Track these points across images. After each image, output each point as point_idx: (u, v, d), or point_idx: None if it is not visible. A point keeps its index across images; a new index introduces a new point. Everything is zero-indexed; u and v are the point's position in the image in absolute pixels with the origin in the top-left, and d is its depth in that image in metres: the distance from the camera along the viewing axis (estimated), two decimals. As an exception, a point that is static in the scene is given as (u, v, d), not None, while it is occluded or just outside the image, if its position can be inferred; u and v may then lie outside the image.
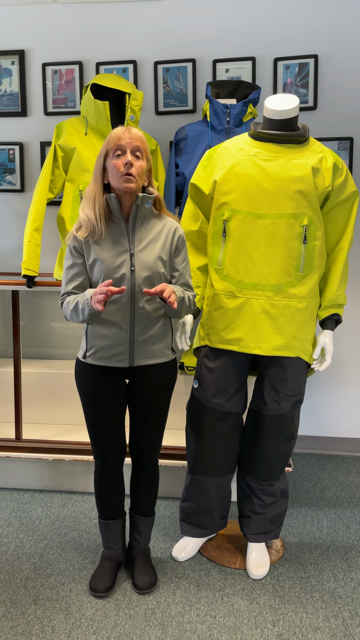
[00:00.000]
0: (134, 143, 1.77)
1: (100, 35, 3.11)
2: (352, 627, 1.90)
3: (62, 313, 1.94)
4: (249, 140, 2.08)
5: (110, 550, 2.11)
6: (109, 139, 1.79)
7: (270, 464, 2.17)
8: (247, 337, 2.05)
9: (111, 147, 1.78)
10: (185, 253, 1.95)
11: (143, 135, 1.81)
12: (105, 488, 2.04)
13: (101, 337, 1.87)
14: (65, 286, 1.88)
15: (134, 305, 1.84)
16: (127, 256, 1.82)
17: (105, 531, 2.09)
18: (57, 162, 2.67)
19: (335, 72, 3.01)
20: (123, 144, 1.77)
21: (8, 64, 3.17)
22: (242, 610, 1.98)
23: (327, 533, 2.46)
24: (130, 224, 1.84)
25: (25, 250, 2.60)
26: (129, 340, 1.86)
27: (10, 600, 2.01)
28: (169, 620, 1.92)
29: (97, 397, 1.92)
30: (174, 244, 1.90)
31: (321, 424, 3.31)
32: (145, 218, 1.87)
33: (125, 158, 1.75)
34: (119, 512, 2.08)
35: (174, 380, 2.02)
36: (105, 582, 2.04)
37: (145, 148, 1.81)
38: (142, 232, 1.86)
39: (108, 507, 2.06)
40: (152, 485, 2.08)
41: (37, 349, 3.34)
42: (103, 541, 2.11)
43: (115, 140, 1.77)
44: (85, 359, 1.92)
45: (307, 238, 2.01)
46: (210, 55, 3.06)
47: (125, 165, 1.75)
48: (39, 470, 2.78)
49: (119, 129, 1.79)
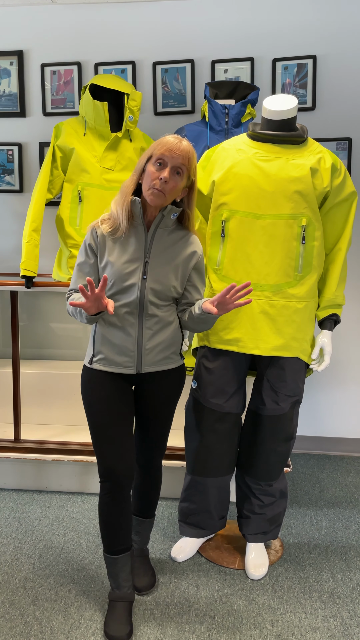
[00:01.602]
0: (180, 160, 1.68)
1: (99, 36, 3.11)
2: (350, 627, 1.90)
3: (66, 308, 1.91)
4: (248, 141, 2.08)
5: (121, 589, 1.88)
6: (160, 143, 1.70)
7: (269, 464, 2.17)
8: (246, 337, 2.05)
9: (156, 154, 1.69)
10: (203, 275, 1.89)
11: (192, 152, 1.72)
12: (116, 514, 1.81)
13: (108, 343, 1.81)
14: (74, 282, 1.84)
15: (143, 313, 1.78)
16: (140, 264, 1.77)
17: (114, 568, 1.86)
18: (55, 163, 2.67)
19: (333, 72, 3.01)
20: (168, 156, 1.68)
21: (7, 65, 3.17)
22: (241, 610, 1.98)
23: (326, 533, 2.46)
24: (151, 232, 1.77)
25: (24, 251, 2.60)
26: (136, 348, 1.80)
27: (9, 600, 2.01)
28: (168, 621, 1.92)
29: (104, 403, 1.81)
30: (192, 262, 1.84)
31: (320, 424, 3.31)
32: (167, 229, 1.81)
33: (164, 173, 1.67)
34: (129, 542, 1.86)
35: (181, 386, 1.95)
36: (124, 627, 1.80)
37: (189, 166, 1.72)
38: (162, 243, 1.80)
39: (118, 538, 1.83)
40: (155, 487, 2.07)
41: (36, 350, 3.34)
42: (111, 581, 1.88)
43: (163, 150, 1.68)
44: (92, 364, 1.84)
45: (305, 238, 2.01)
46: (208, 56, 3.06)
47: (160, 180, 1.68)
48: (38, 471, 2.77)
49: (172, 139, 1.69)
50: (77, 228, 2.64)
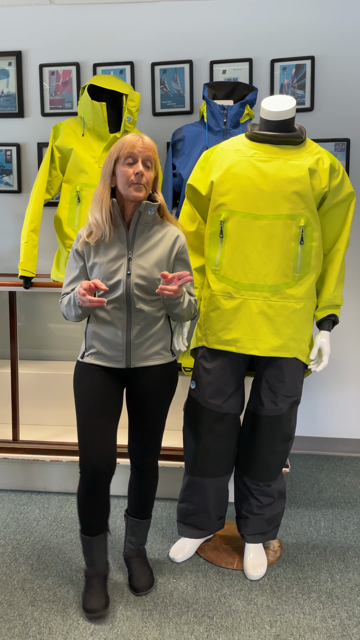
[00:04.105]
0: (146, 153, 1.79)
1: (98, 37, 3.11)
2: (349, 627, 1.90)
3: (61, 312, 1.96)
4: (246, 142, 2.08)
5: (95, 566, 1.99)
6: (122, 145, 1.79)
7: (268, 464, 2.17)
8: (245, 337, 2.05)
9: (123, 154, 1.79)
10: (188, 263, 1.95)
11: (154, 145, 1.83)
12: (91, 503, 1.91)
13: (98, 338, 1.90)
14: (65, 287, 1.92)
15: (130, 308, 1.85)
16: (124, 261, 1.84)
17: (89, 547, 1.97)
18: (54, 163, 2.67)
19: (332, 73, 3.02)
20: (135, 153, 1.78)
21: (5, 65, 3.17)
22: (240, 611, 1.98)
23: (325, 534, 2.46)
24: (131, 229, 1.85)
25: (23, 251, 2.60)
26: (125, 342, 1.88)
27: (8, 601, 2.01)
28: (167, 622, 1.92)
29: (91, 392, 1.88)
30: (174, 252, 1.90)
31: (318, 425, 3.31)
32: (147, 224, 1.88)
33: (137, 167, 1.78)
34: (105, 526, 1.97)
35: (173, 383, 1.99)
36: (100, 600, 1.93)
37: (156, 157, 1.83)
38: (143, 239, 1.87)
39: (94, 522, 1.94)
40: (150, 488, 2.07)
41: (34, 350, 3.34)
42: (86, 558, 1.99)
43: (129, 148, 1.78)
44: (84, 358, 1.93)
45: (304, 239, 2.01)
46: (207, 57, 3.06)
47: (136, 175, 1.77)
48: (36, 472, 2.77)
49: (133, 137, 1.80)
50: (75, 228, 2.64)
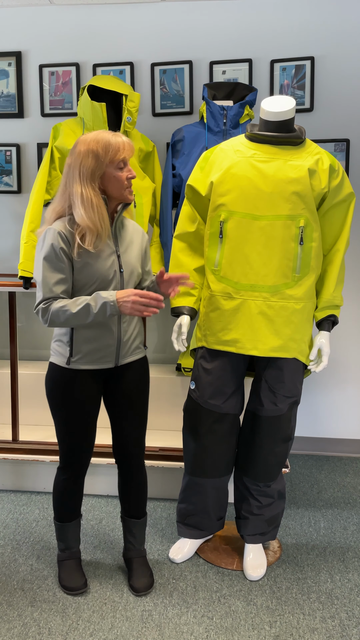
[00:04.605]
0: (130, 154, 1.82)
1: (97, 37, 3.11)
2: (349, 628, 1.90)
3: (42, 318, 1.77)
4: (246, 142, 2.08)
5: (70, 549, 2.11)
6: (111, 147, 1.76)
7: (267, 465, 2.17)
8: (244, 338, 2.05)
9: (119, 157, 1.78)
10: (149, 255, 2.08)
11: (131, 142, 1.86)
12: (68, 494, 2.04)
13: (90, 341, 1.87)
14: (52, 289, 1.76)
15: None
16: (114, 257, 1.86)
17: (64, 533, 2.08)
18: (54, 164, 2.67)
19: (331, 74, 3.02)
20: (127, 155, 1.80)
21: (5, 66, 3.17)
22: (239, 611, 1.98)
23: (324, 534, 2.46)
24: (114, 226, 1.89)
25: (22, 252, 2.60)
26: (117, 341, 1.90)
27: (7, 602, 2.01)
28: (166, 622, 1.92)
29: (82, 402, 1.91)
30: (144, 245, 2.00)
31: (318, 425, 3.31)
32: (121, 221, 1.94)
33: (130, 172, 1.82)
34: (78, 512, 2.09)
35: (148, 377, 2.05)
36: (79, 578, 2.06)
37: None
38: (123, 235, 1.93)
39: (70, 510, 2.06)
40: (141, 487, 2.09)
41: (34, 351, 3.34)
42: (60, 544, 2.10)
43: (120, 151, 1.78)
44: (70, 364, 1.88)
45: (303, 239, 2.01)
46: (207, 57, 3.06)
47: (127, 179, 1.82)
48: (36, 472, 2.77)
49: (115, 136, 1.78)
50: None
